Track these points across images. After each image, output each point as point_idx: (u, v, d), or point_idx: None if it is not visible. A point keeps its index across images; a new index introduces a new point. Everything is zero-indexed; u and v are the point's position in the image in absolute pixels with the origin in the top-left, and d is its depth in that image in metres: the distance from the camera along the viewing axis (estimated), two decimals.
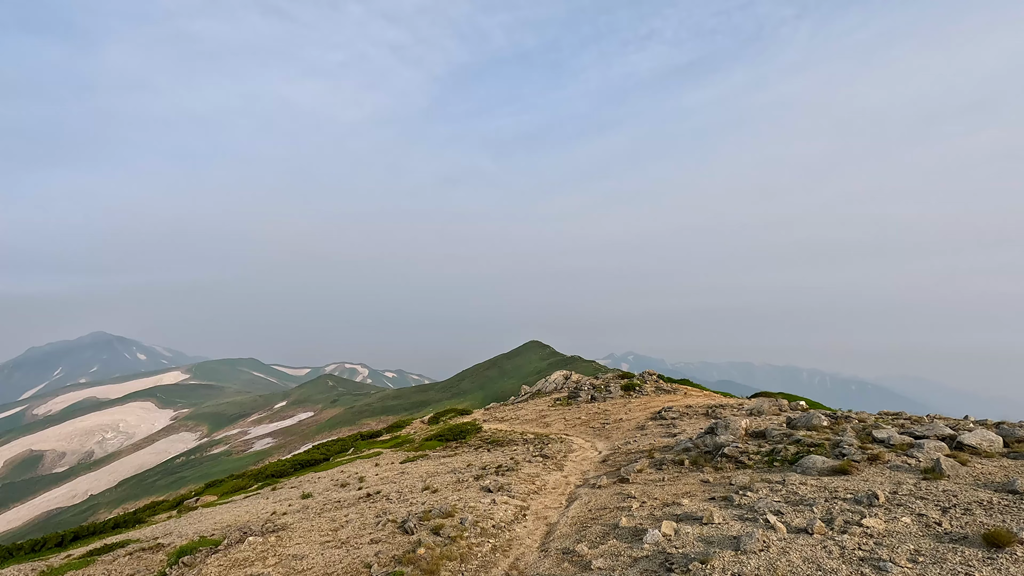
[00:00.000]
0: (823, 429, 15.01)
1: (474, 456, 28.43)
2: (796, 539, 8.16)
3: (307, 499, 23.63)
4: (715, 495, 11.51)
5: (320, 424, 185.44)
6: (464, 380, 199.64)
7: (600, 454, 24.82)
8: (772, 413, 26.73)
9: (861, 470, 11.19)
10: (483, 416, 49.21)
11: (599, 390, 47.42)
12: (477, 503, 14.28)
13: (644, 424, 31.52)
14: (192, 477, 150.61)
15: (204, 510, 27.50)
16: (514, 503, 14.43)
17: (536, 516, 13.50)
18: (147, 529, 24.22)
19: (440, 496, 16.41)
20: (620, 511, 11.84)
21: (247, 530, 13.62)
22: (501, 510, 13.62)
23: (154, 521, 28.71)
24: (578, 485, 17.20)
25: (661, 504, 11.70)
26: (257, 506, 24.11)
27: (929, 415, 17.64)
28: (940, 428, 12.56)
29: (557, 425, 37.71)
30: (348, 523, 15.11)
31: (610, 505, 12.74)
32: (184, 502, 38.41)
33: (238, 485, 37.41)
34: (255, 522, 19.83)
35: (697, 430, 26.14)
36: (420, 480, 22.12)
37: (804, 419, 16.10)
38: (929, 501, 9.01)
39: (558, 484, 17.45)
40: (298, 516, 18.34)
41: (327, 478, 30.40)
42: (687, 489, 12.69)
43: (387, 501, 17.59)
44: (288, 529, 15.01)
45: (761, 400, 29.49)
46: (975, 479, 9.88)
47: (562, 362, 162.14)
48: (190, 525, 22.59)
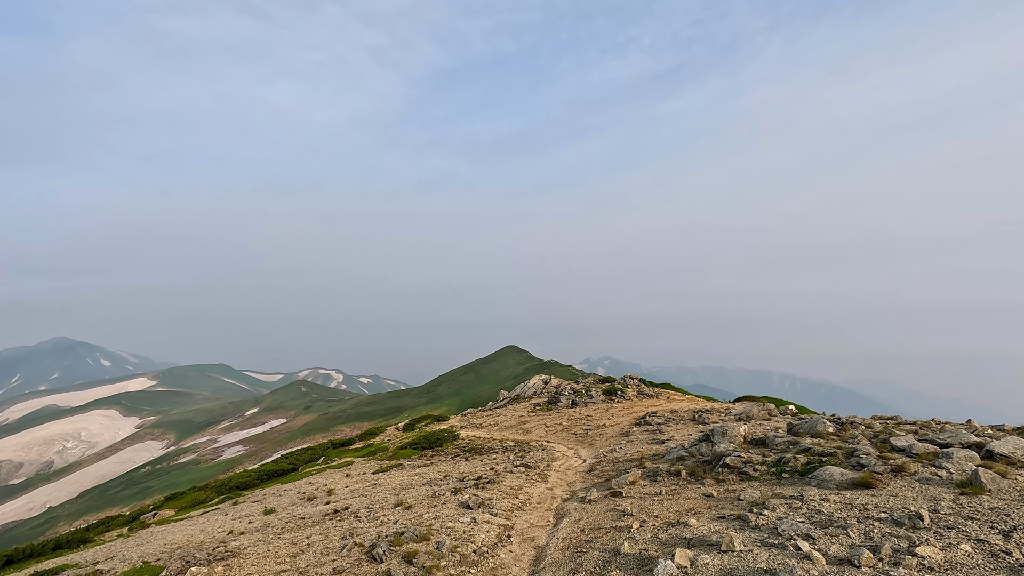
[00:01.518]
0: (830, 436, 13.89)
1: (451, 466, 26.84)
2: (842, 574, 6.85)
3: (269, 515, 21.75)
4: (725, 513, 10.20)
5: (293, 431, 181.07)
6: (440, 385, 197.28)
7: (585, 462, 23.49)
8: (762, 418, 25.75)
9: (886, 483, 10.02)
10: (460, 422, 47.58)
11: (580, 395, 46.20)
12: (455, 522, 12.75)
13: (628, 430, 30.32)
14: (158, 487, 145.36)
15: (157, 528, 25.34)
16: (497, 521, 12.94)
17: (522, 537, 12.03)
18: (90, 551, 22.00)
19: (414, 513, 14.82)
20: (619, 532, 10.45)
21: (191, 558, 11.87)
22: (483, 531, 12.11)
23: (102, 540, 26.37)
24: (565, 499, 15.80)
25: (664, 524, 10.34)
26: (214, 524, 22.10)
27: (940, 421, 16.73)
28: (964, 435, 11.51)
29: (538, 431, 36.33)
30: (310, 547, 13.43)
31: (605, 524, 11.35)
32: (140, 517, 35.98)
33: (198, 499, 35.06)
34: (209, 543, 17.94)
35: (686, 436, 25.00)
36: (393, 493, 20.47)
37: (808, 425, 14.98)
38: (981, 522, 7.81)
39: (543, 497, 16.02)
40: (256, 537, 16.54)
41: (294, 491, 28.45)
42: (690, 505, 11.37)
43: (355, 519, 15.94)
44: (240, 556, 13.26)
45: (749, 404, 28.52)
46: (1022, 493, 8.76)
47: (539, 367, 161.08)
48: (137, 547, 20.52)
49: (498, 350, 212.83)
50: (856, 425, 14.90)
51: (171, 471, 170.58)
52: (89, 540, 26.60)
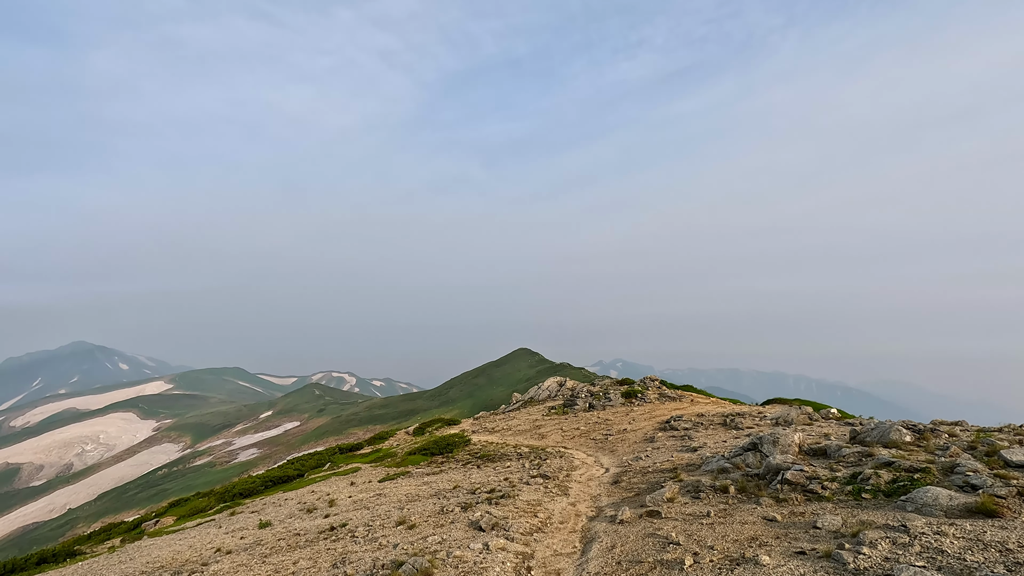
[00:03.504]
0: (907, 446, 11.68)
1: (462, 474, 24.81)
2: None
3: (264, 529, 19.90)
4: (803, 546, 8.05)
5: (306, 434, 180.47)
6: (452, 388, 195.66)
7: (608, 472, 21.33)
8: (802, 423, 23.40)
9: (1017, 511, 7.85)
10: (472, 426, 45.60)
11: (598, 397, 43.99)
12: (464, 549, 10.72)
13: (653, 435, 28.10)
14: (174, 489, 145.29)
15: (148, 541, 23.59)
16: (514, 548, 10.89)
17: (544, 570, 9.94)
18: (70, 568, 20.31)
19: (417, 535, 12.81)
20: (667, 570, 8.33)
21: None
22: (497, 561, 10.06)
23: (93, 553, 24.72)
24: (591, 516, 13.70)
25: (725, 559, 8.21)
26: (204, 538, 20.28)
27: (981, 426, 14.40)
28: None
29: (554, 436, 34.20)
30: (295, 575, 11.49)
31: (646, 555, 9.24)
32: (142, 524, 34.53)
33: (198, 507, 33.44)
34: (192, 562, 16.13)
35: (720, 443, 22.74)
36: (397, 507, 18.49)
37: (878, 433, 12.76)
38: None
39: (566, 516, 13.93)
40: (241, 559, 14.65)
41: (295, 500, 26.62)
42: (751, 532, 9.23)
43: (351, 539, 13.97)
44: None
45: (787, 408, 26.17)
46: None
47: (551, 369, 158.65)
48: (120, 564, 18.77)
49: (510, 352, 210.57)
50: (937, 433, 12.64)
51: (187, 473, 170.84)
52: (78, 554, 24.97)
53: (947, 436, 12.25)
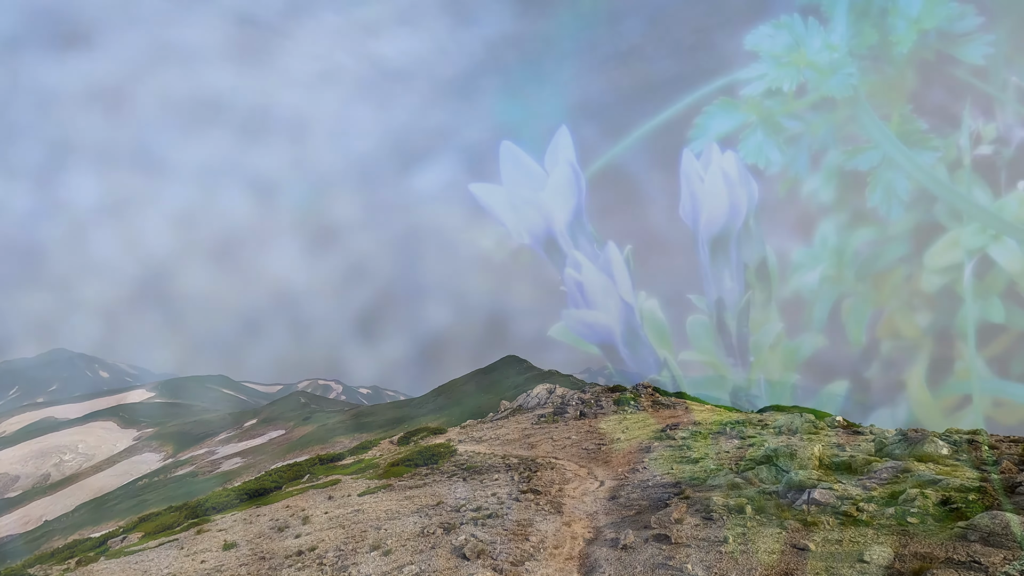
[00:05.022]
0: (945, 460, 10.40)
1: (447, 488, 23.18)
2: None
3: (228, 551, 18.14)
4: None
5: (292, 443, 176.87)
6: (440, 396, 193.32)
7: (604, 485, 19.86)
8: (807, 432, 22.14)
9: None
10: (459, 435, 43.94)
11: (589, 405, 42.55)
12: None
13: (649, 445, 26.67)
14: (155, 500, 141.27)
15: (103, 564, 21.69)
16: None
17: None
18: None
19: (392, 563, 11.27)
20: None
21: None
22: None
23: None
24: (589, 539, 12.23)
25: None
26: (162, 562, 18.50)
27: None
28: None
29: (544, 447, 32.67)
30: None
31: None
32: (108, 541, 32.47)
33: (165, 523, 31.38)
34: None
35: (722, 453, 21.38)
36: (374, 526, 16.85)
37: (907, 444, 11.47)
38: None
39: (561, 539, 12.45)
40: None
41: (267, 516, 24.79)
42: (784, 565, 7.85)
43: (318, 567, 12.39)
44: None
45: (791, 416, 24.93)
46: None
47: (540, 376, 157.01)
48: None
49: (497, 360, 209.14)
50: (976, 444, 11.39)
51: (169, 483, 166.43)
52: None
53: (988, 448, 11.00)
